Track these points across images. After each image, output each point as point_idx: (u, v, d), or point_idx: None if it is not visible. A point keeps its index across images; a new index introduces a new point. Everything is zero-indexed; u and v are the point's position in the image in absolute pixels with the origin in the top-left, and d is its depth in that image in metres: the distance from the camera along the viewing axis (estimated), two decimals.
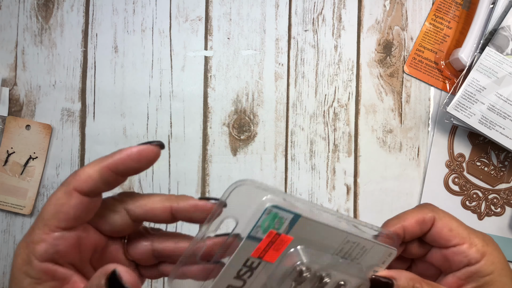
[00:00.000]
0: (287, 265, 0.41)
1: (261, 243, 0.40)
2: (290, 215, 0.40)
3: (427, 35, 0.72)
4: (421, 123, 0.71)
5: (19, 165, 0.69)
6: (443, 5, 0.72)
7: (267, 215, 0.40)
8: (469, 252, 0.42)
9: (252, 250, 0.40)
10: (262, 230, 0.40)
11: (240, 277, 0.40)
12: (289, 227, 0.41)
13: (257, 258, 0.40)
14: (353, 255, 0.43)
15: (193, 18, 0.71)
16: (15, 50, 0.70)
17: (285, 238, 0.41)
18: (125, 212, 0.36)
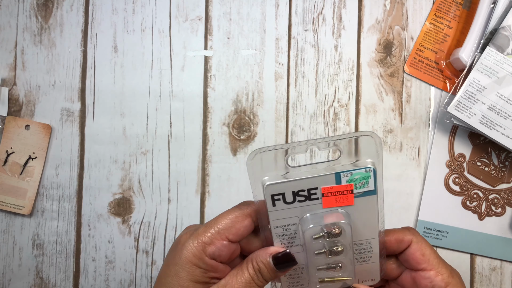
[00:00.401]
0: (329, 218, 0.46)
1: (336, 186, 0.45)
2: (373, 187, 0.45)
3: (427, 35, 0.72)
4: (422, 123, 0.71)
5: (19, 165, 0.69)
6: (443, 4, 0.72)
7: (364, 171, 0.45)
8: (434, 278, 0.47)
9: (326, 184, 0.45)
10: (348, 178, 0.45)
11: (297, 194, 0.45)
12: (362, 195, 0.46)
13: (321, 193, 0.45)
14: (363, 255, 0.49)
15: (193, 17, 0.71)
16: (15, 50, 0.70)
17: (349, 199, 0.46)
18: (251, 219, 0.46)
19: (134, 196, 0.70)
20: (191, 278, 0.44)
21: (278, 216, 0.46)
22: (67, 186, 0.70)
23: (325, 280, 0.48)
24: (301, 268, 0.48)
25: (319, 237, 0.46)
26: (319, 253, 0.47)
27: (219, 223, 0.45)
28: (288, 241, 0.47)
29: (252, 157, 0.44)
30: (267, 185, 0.44)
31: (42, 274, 0.70)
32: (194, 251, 0.44)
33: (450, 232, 0.71)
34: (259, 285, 0.45)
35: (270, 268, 0.45)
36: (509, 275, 0.71)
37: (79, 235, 0.70)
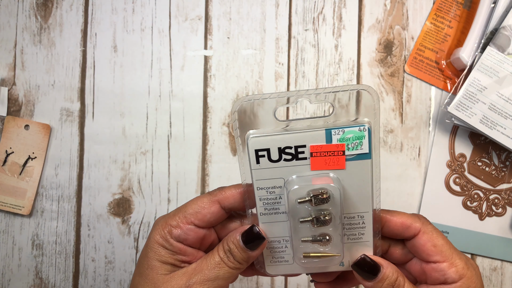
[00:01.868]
0: (318, 182, 0.42)
1: (326, 145, 0.42)
2: (367, 150, 0.41)
3: (428, 35, 0.72)
4: (422, 123, 0.71)
5: (18, 165, 0.69)
6: (444, 4, 0.72)
7: (358, 129, 0.41)
8: (447, 271, 0.43)
9: (315, 142, 0.41)
10: (340, 136, 0.41)
11: (284, 151, 0.42)
12: (354, 158, 0.41)
13: (309, 152, 0.41)
14: (354, 231, 0.44)
15: (193, 17, 0.71)
16: (14, 50, 0.70)
17: (341, 162, 0.42)
18: (219, 205, 0.45)
19: (134, 196, 0.70)
20: (158, 258, 0.44)
21: (262, 176, 0.43)
22: (66, 186, 0.70)
23: (310, 255, 0.44)
24: (285, 241, 0.45)
25: (304, 201, 0.42)
26: (303, 221, 0.43)
27: (187, 207, 0.45)
28: (271, 207, 0.44)
29: (238, 107, 0.42)
30: (251, 138, 0.41)
31: (41, 274, 0.70)
32: (161, 233, 0.45)
33: (451, 232, 0.70)
34: (231, 267, 0.44)
35: (240, 247, 0.43)
36: (509, 275, 0.71)
37: (79, 236, 0.70)
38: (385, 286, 0.43)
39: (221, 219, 0.46)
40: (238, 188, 0.45)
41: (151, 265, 0.44)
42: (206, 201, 0.45)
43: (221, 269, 0.44)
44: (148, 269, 0.45)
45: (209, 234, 0.46)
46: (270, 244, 0.45)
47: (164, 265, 0.44)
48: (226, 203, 0.45)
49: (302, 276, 0.70)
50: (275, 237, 0.45)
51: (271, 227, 0.45)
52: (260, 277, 0.70)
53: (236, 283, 0.70)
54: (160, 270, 0.44)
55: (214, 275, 0.43)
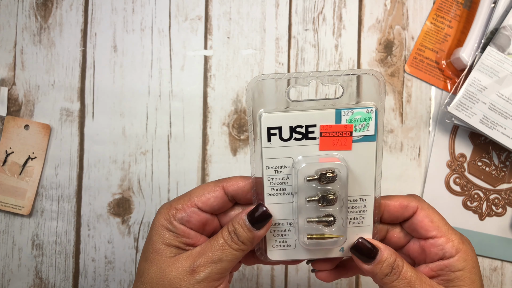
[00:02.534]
0: (326, 162, 0.43)
1: (336, 125, 0.43)
2: (373, 131, 0.43)
3: (428, 35, 0.72)
4: (422, 123, 0.71)
5: (18, 165, 0.69)
6: (444, 4, 0.72)
7: (366, 111, 0.43)
8: (445, 246, 0.45)
9: (325, 122, 0.42)
10: (349, 117, 0.43)
11: (295, 130, 0.43)
12: (361, 139, 0.43)
13: (319, 132, 0.43)
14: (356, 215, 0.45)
15: (193, 17, 0.71)
16: (14, 50, 0.70)
17: (348, 143, 0.43)
18: (223, 190, 0.46)
19: (134, 196, 0.70)
20: (162, 240, 0.45)
21: (272, 155, 0.44)
22: (66, 186, 0.70)
23: (314, 236, 0.45)
24: (288, 223, 0.46)
25: (313, 179, 0.43)
26: (311, 199, 0.44)
27: (192, 192, 0.46)
28: (278, 187, 0.44)
29: (254, 84, 0.43)
30: (265, 115, 0.43)
31: (41, 274, 0.70)
32: (165, 216, 0.45)
33: None
34: (235, 249, 0.44)
35: (246, 227, 0.44)
36: (509, 275, 0.71)
37: (79, 236, 0.70)
38: (384, 268, 0.43)
39: (224, 206, 0.47)
40: (244, 178, 0.46)
41: (156, 248, 0.45)
42: (211, 185, 0.46)
43: (224, 251, 0.44)
44: (153, 252, 0.45)
45: (212, 220, 0.47)
46: (274, 226, 0.46)
47: (168, 247, 0.45)
48: (230, 189, 0.46)
49: (303, 276, 0.70)
50: (280, 219, 0.45)
51: (276, 209, 0.45)
52: (260, 277, 0.70)
53: (236, 282, 0.70)
54: (165, 253, 0.45)
55: (218, 257, 0.44)
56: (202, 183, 0.70)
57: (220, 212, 0.47)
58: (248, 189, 0.46)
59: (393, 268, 0.44)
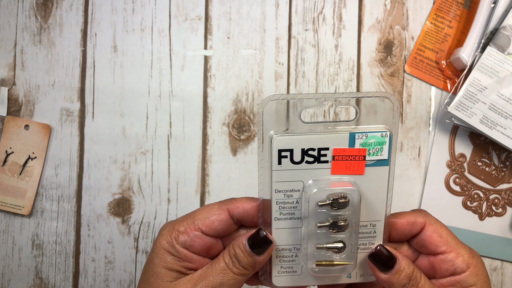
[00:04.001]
0: (338, 187, 0.41)
1: (349, 149, 0.42)
2: (386, 156, 0.42)
3: (428, 35, 0.72)
4: (422, 123, 0.71)
5: (18, 165, 0.69)
6: (444, 4, 0.72)
7: (380, 135, 0.42)
8: (456, 261, 0.43)
9: (338, 146, 0.41)
10: (363, 141, 0.41)
11: (306, 153, 0.42)
12: (373, 164, 0.42)
13: (331, 155, 0.41)
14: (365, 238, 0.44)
15: (193, 17, 0.71)
16: (14, 50, 0.70)
17: (360, 167, 0.42)
18: (228, 213, 0.44)
19: (134, 196, 0.70)
20: (163, 264, 0.43)
21: (282, 178, 0.42)
22: (66, 186, 0.70)
23: (323, 263, 0.43)
24: (295, 249, 0.44)
25: (324, 205, 0.41)
26: (321, 225, 0.42)
27: (196, 214, 0.44)
28: (287, 211, 0.43)
29: (265, 105, 0.41)
30: (277, 138, 0.41)
31: (41, 274, 0.70)
32: (167, 238, 0.44)
33: None
34: (236, 273, 0.43)
35: (246, 252, 0.42)
36: (509, 275, 0.71)
37: (79, 236, 0.70)
38: (402, 278, 0.42)
39: (229, 229, 0.45)
40: (250, 200, 0.44)
41: (156, 272, 0.44)
42: (216, 207, 0.44)
43: (225, 275, 0.43)
44: (154, 276, 0.44)
45: (216, 244, 0.45)
46: (280, 252, 0.44)
47: (169, 272, 0.44)
48: (236, 212, 0.44)
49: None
50: (287, 244, 0.44)
51: (284, 234, 0.44)
52: None
53: None
54: (165, 277, 0.43)
55: (219, 282, 0.42)
56: (202, 183, 0.70)
57: (224, 235, 0.46)
58: (254, 212, 0.44)
59: (411, 279, 0.42)
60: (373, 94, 0.42)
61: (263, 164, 0.43)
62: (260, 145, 0.42)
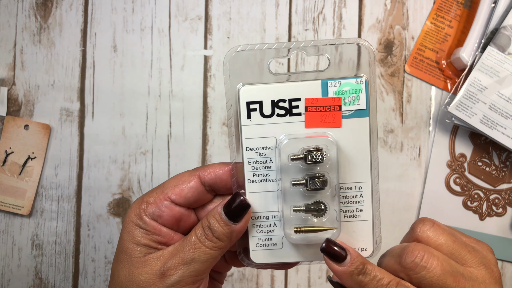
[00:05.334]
0: (313, 141, 0.38)
1: (322, 98, 0.38)
2: (365, 105, 0.38)
3: (428, 35, 0.71)
4: (422, 122, 0.71)
5: (18, 165, 0.69)
6: (444, 4, 0.72)
7: (355, 82, 0.39)
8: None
9: (310, 95, 0.38)
10: (336, 89, 0.38)
11: (277, 105, 0.39)
12: (351, 115, 0.39)
13: (304, 107, 0.38)
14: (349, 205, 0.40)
15: (193, 17, 0.71)
16: (14, 50, 0.70)
17: (337, 119, 0.39)
18: (199, 180, 0.41)
19: (134, 196, 0.70)
20: (131, 239, 0.40)
21: (253, 134, 0.39)
22: (66, 186, 0.70)
23: (302, 229, 0.39)
24: (274, 217, 0.40)
25: (297, 158, 0.38)
26: (296, 183, 0.38)
27: (166, 183, 0.41)
28: (261, 172, 0.39)
29: (229, 57, 0.39)
30: (243, 89, 0.39)
31: (41, 274, 0.70)
32: (136, 211, 0.41)
33: None
34: (209, 247, 0.39)
35: (222, 220, 0.38)
36: (510, 275, 0.71)
37: (78, 236, 0.70)
38: (355, 268, 0.38)
39: (202, 198, 0.42)
40: (222, 165, 0.41)
41: (125, 247, 0.40)
42: (186, 175, 0.41)
43: (197, 251, 0.39)
44: (123, 252, 0.40)
45: (188, 215, 0.42)
46: (257, 221, 0.40)
47: (138, 246, 0.40)
48: (208, 178, 0.41)
49: (303, 276, 0.70)
50: (264, 211, 0.40)
51: (259, 199, 0.40)
52: (260, 277, 0.70)
53: (236, 283, 0.70)
54: (134, 253, 0.40)
55: (190, 257, 0.39)
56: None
57: (197, 205, 0.42)
58: (227, 177, 0.41)
59: (363, 270, 0.38)
60: (345, 40, 0.40)
61: (232, 122, 0.40)
62: (228, 100, 0.40)
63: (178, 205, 0.41)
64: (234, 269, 0.70)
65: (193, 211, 0.42)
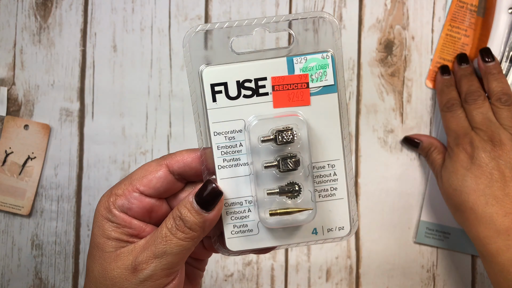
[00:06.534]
0: (282, 121, 0.37)
1: (289, 76, 0.37)
2: (332, 81, 0.37)
3: (445, 46, 0.71)
4: (423, 123, 0.71)
5: (18, 165, 0.69)
6: (457, 14, 0.71)
7: (321, 57, 0.38)
8: None
9: (277, 74, 0.37)
10: (303, 65, 0.37)
11: (243, 86, 0.37)
12: (319, 91, 0.38)
13: (271, 86, 0.37)
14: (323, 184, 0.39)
15: (193, 17, 0.71)
16: (13, 50, 0.70)
17: (305, 97, 0.37)
18: (167, 169, 0.39)
19: None
20: (102, 233, 0.39)
21: (220, 118, 0.38)
22: (66, 186, 0.69)
23: (277, 211, 0.38)
24: (248, 202, 0.39)
25: (268, 140, 0.37)
26: (268, 165, 0.37)
27: (133, 174, 0.40)
28: (231, 157, 0.38)
29: (189, 38, 0.37)
30: (206, 70, 0.37)
31: (41, 274, 0.70)
32: (104, 204, 0.39)
33: (452, 233, 0.70)
34: (181, 238, 0.37)
35: (194, 209, 0.37)
36: None
37: (78, 236, 0.70)
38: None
39: (171, 187, 0.40)
40: (190, 152, 0.40)
41: (96, 242, 0.39)
42: (153, 164, 0.40)
43: (168, 243, 0.37)
44: (95, 248, 0.39)
45: (159, 205, 0.40)
46: (230, 207, 0.39)
47: (109, 241, 0.39)
48: (176, 167, 0.39)
49: (303, 276, 0.70)
50: (237, 197, 0.39)
51: (231, 184, 0.39)
52: (260, 277, 0.70)
53: (236, 283, 0.70)
54: (106, 247, 0.39)
55: (161, 251, 0.37)
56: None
57: (168, 195, 0.41)
58: (196, 164, 0.39)
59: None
60: (307, 15, 0.39)
61: (197, 106, 0.38)
62: (191, 84, 0.38)
63: (148, 196, 0.40)
64: (234, 269, 0.69)
65: (165, 201, 0.41)
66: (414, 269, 0.70)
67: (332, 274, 0.70)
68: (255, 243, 0.40)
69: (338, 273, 0.70)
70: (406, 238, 0.70)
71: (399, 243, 0.70)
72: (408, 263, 0.70)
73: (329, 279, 0.70)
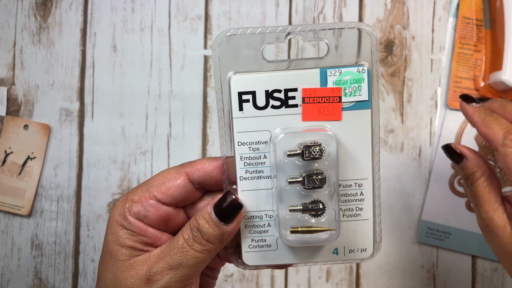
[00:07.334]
0: (310, 135, 0.35)
1: (321, 89, 0.35)
2: (366, 97, 0.35)
3: (459, 65, 0.70)
4: (423, 122, 0.71)
5: (17, 165, 0.69)
6: (465, 31, 0.70)
7: (356, 71, 0.36)
8: None
9: (308, 85, 0.35)
10: (336, 78, 0.35)
11: (271, 96, 0.35)
12: (352, 107, 0.36)
13: (301, 98, 0.35)
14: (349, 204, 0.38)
15: (193, 16, 0.71)
16: (13, 49, 0.70)
17: (337, 111, 0.35)
18: (186, 177, 0.38)
19: None
20: (116, 240, 0.38)
21: (245, 127, 0.36)
22: (66, 187, 0.69)
23: (299, 230, 0.36)
24: (268, 217, 0.37)
25: (294, 155, 0.35)
26: (293, 181, 0.35)
27: (151, 180, 0.39)
28: (254, 169, 0.37)
29: (219, 42, 0.35)
30: (234, 77, 0.36)
31: (41, 275, 0.70)
32: (120, 210, 0.38)
33: (453, 233, 0.70)
34: (199, 250, 0.36)
35: (212, 221, 0.36)
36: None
37: (78, 236, 0.70)
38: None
39: (190, 196, 0.39)
40: (212, 161, 0.38)
41: (109, 250, 0.38)
42: (172, 172, 0.39)
43: (184, 254, 0.36)
44: (108, 255, 0.38)
45: (176, 214, 0.39)
46: (250, 221, 0.38)
47: (123, 248, 0.38)
48: (196, 175, 0.38)
49: (303, 276, 0.70)
50: (257, 210, 0.37)
51: (252, 197, 0.37)
52: (260, 277, 0.69)
53: (236, 283, 0.70)
54: (119, 255, 0.38)
55: (177, 262, 0.36)
56: None
57: (186, 204, 0.40)
58: (217, 174, 0.38)
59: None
60: (345, 25, 0.37)
61: (223, 114, 0.37)
62: (218, 90, 0.37)
63: (165, 204, 0.39)
64: (234, 269, 0.69)
65: (182, 209, 0.40)
66: (414, 269, 0.70)
67: (332, 274, 0.70)
68: (273, 260, 0.38)
69: (338, 273, 0.70)
70: (407, 238, 0.70)
71: (400, 243, 0.70)
72: (409, 263, 0.70)
73: (329, 279, 0.70)
